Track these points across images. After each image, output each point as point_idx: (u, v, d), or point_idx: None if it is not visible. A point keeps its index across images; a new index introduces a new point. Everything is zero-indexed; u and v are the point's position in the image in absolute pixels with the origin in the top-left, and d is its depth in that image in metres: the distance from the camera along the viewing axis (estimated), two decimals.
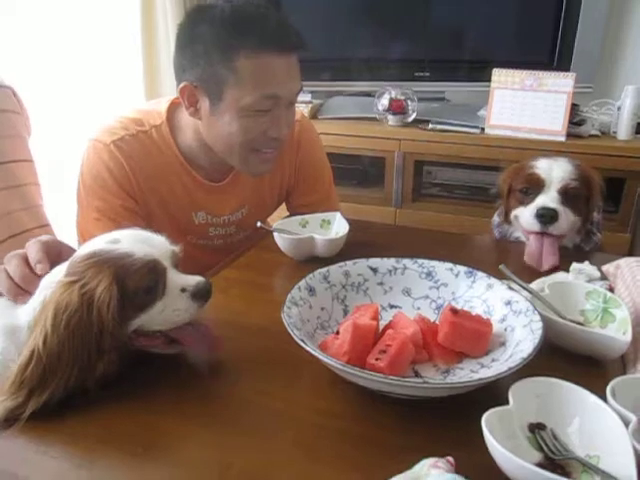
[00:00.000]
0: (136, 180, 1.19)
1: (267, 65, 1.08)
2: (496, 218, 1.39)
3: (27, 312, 0.76)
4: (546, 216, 1.16)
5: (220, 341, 0.79)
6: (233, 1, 1.09)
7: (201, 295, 0.77)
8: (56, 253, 0.84)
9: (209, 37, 1.08)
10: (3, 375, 0.70)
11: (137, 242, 0.75)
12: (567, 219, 1.18)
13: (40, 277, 0.79)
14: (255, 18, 1.08)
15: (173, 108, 1.24)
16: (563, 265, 1.08)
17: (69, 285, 0.70)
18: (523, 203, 1.24)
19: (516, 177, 1.28)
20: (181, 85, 1.12)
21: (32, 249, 0.82)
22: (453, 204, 2.31)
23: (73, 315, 0.68)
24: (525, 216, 1.21)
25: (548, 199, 1.19)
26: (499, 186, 1.35)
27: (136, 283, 0.72)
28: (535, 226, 1.18)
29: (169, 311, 0.75)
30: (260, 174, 1.28)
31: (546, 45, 2.30)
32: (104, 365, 0.71)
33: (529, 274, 1.06)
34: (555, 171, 1.21)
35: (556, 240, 1.18)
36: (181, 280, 0.77)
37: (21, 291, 0.80)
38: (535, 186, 1.22)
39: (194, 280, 0.77)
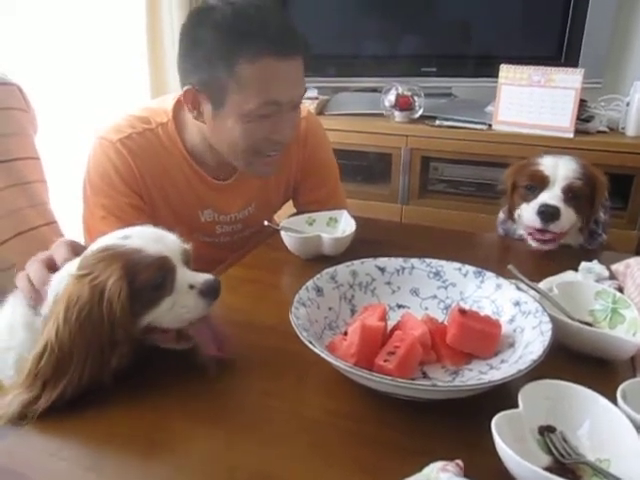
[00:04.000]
0: (142, 178, 1.19)
1: (267, 71, 1.06)
2: (501, 215, 1.39)
3: (44, 306, 0.76)
4: (547, 213, 1.16)
5: (230, 343, 0.79)
6: (235, 2, 1.08)
7: (209, 292, 0.77)
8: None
9: (210, 42, 1.06)
10: (21, 368, 0.70)
11: (148, 239, 0.76)
12: (569, 218, 1.19)
13: None
14: (256, 22, 1.06)
15: (179, 106, 1.23)
16: (571, 264, 1.07)
17: (80, 278, 0.71)
18: (526, 200, 1.23)
19: (520, 174, 1.27)
20: (184, 89, 1.12)
21: (60, 250, 0.82)
22: (460, 201, 2.29)
23: (83, 307, 0.69)
24: (527, 213, 1.21)
25: (551, 197, 1.19)
26: (503, 182, 1.35)
27: (145, 278, 0.72)
28: (536, 222, 1.18)
29: (177, 308, 0.75)
30: (264, 175, 1.28)
31: (554, 40, 2.28)
32: (117, 359, 0.72)
33: (537, 274, 1.06)
34: (560, 169, 1.21)
35: (555, 237, 1.20)
36: (190, 277, 0.77)
37: (37, 295, 0.79)
38: (539, 183, 1.22)
39: (202, 278, 0.77)
